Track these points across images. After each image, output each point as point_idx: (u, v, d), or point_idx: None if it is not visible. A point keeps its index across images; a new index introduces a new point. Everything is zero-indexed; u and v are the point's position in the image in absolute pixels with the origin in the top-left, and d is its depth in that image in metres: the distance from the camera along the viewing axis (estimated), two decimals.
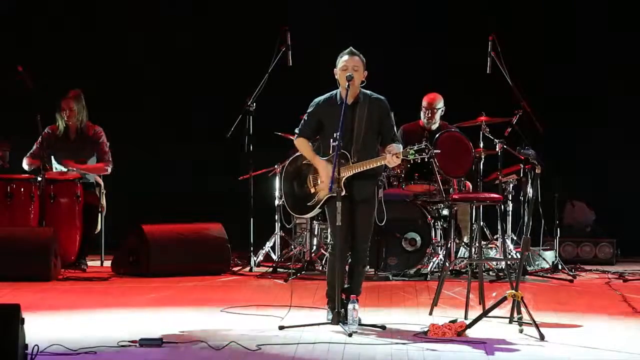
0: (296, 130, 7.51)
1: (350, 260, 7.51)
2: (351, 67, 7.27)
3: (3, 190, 10.13)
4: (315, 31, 11.58)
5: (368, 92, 7.40)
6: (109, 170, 10.63)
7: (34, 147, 10.48)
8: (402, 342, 6.78)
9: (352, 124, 7.28)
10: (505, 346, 6.71)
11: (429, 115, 10.39)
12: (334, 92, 7.42)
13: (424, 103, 10.44)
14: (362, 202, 7.33)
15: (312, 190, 7.47)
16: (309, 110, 7.48)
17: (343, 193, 7.13)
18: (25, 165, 10.47)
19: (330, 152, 7.30)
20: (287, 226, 10.62)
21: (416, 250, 9.97)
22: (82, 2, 12.34)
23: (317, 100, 7.47)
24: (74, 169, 10.42)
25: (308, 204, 7.49)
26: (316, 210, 7.51)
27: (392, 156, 7.16)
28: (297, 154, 7.59)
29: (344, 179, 7.19)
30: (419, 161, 7.36)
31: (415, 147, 7.17)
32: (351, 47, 7.38)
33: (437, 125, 10.40)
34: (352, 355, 6.43)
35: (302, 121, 7.50)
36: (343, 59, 7.33)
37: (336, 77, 7.36)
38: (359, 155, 7.27)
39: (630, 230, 11.71)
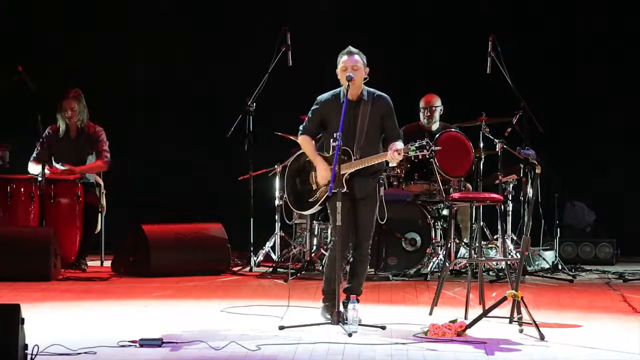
0: (300, 128, 7.53)
1: (351, 260, 7.51)
2: (350, 67, 7.28)
3: (3, 190, 10.12)
4: (315, 31, 11.58)
5: (372, 90, 7.41)
6: (106, 167, 10.60)
7: (37, 150, 10.45)
8: (402, 342, 6.78)
9: (355, 121, 7.29)
10: (505, 346, 6.71)
11: (428, 114, 10.39)
12: (338, 89, 7.42)
13: (422, 103, 10.45)
14: (364, 200, 7.34)
15: (315, 187, 7.48)
16: (313, 108, 7.49)
17: (344, 189, 7.13)
18: (30, 169, 10.43)
19: (332, 150, 7.30)
20: (288, 222, 10.60)
21: (416, 250, 9.97)
22: (84, 3, 12.33)
23: (321, 97, 7.48)
24: (74, 170, 10.39)
25: (310, 200, 7.50)
26: (317, 207, 7.52)
27: (393, 152, 7.16)
28: (300, 151, 7.61)
29: (345, 175, 7.19)
30: (417, 160, 7.35)
31: (417, 144, 7.18)
32: (350, 47, 7.38)
33: (437, 125, 10.40)
34: (352, 355, 6.42)
35: (307, 118, 7.51)
36: (342, 60, 7.34)
37: (338, 77, 7.37)
38: (362, 152, 7.28)
39: (630, 230, 11.70)
